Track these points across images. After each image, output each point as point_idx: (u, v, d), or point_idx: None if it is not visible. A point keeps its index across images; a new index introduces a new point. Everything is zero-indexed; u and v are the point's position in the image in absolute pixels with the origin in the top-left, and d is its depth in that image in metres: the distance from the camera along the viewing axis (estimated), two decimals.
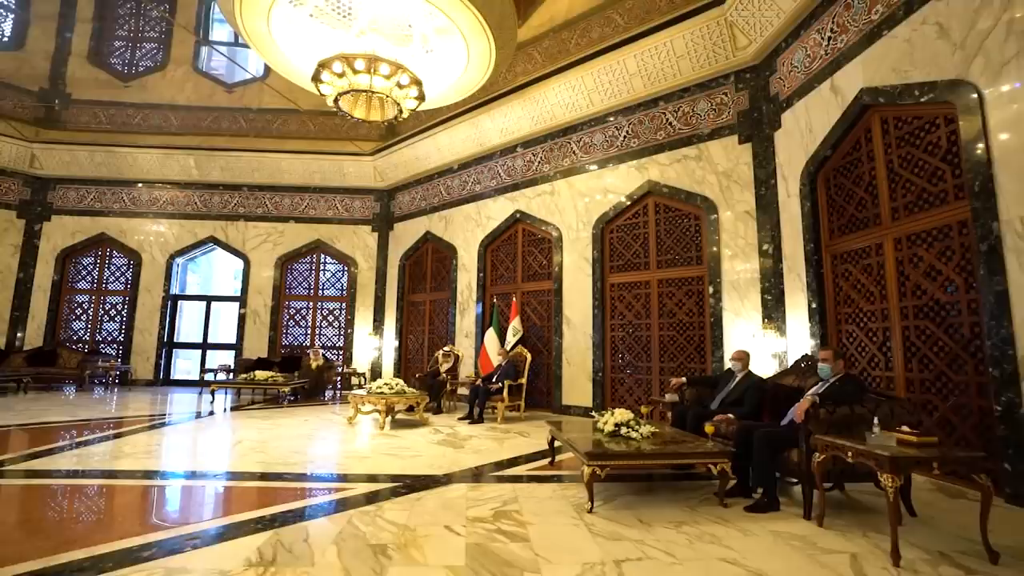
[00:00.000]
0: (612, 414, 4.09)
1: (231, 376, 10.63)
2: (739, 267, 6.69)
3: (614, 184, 8.16)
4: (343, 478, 4.05)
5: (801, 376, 4.42)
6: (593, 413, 7.77)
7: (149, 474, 4.06)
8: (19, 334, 11.74)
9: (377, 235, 12.41)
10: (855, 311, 5.28)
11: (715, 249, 6.90)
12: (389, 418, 6.91)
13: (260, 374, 9.16)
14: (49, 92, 12.47)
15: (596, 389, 7.93)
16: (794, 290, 6.06)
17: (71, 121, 12.35)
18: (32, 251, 12.07)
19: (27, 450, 4.77)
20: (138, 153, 12.06)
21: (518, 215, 9.46)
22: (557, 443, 4.64)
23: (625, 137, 8.10)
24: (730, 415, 4.37)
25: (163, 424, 6.51)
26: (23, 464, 4.24)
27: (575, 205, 8.65)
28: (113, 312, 12.28)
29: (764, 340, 6.19)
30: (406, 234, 11.90)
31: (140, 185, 12.42)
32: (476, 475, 4.19)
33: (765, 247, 6.47)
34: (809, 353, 5.10)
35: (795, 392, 4.13)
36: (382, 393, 6.58)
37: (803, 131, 5.90)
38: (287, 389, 8.90)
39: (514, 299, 8.87)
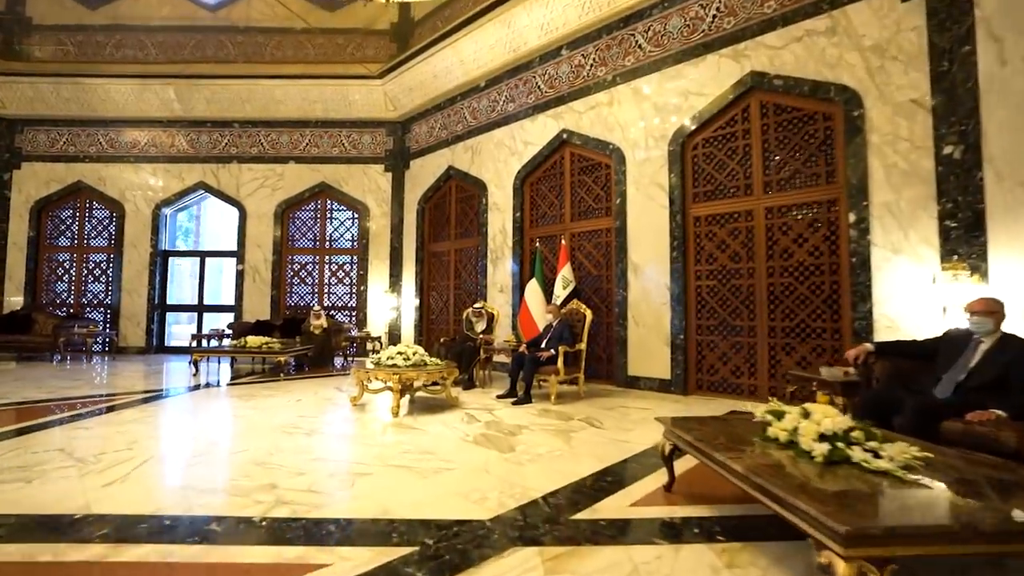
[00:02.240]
0: (804, 416, 2.20)
1: (222, 343, 9.06)
2: (899, 182, 4.60)
3: (699, 83, 6.03)
4: (308, 534, 2.28)
5: None
6: (674, 387, 5.95)
7: None
8: None
9: (391, 175, 10.50)
10: None
11: (859, 159, 4.80)
12: (406, 398, 5.19)
13: (252, 340, 7.54)
14: (7, 17, 10.66)
15: (676, 356, 6.05)
16: (1011, 209, 3.99)
17: (34, 51, 10.57)
18: (3, 204, 10.58)
19: None
20: (110, 85, 10.26)
21: (564, 136, 7.41)
22: (660, 443, 2.79)
23: (715, 16, 5.90)
24: (997, 412, 2.45)
25: (96, 412, 4.89)
26: None
27: (642, 117, 6.56)
28: (97, 271, 10.80)
29: (946, 286, 4.16)
30: (424, 172, 9.96)
31: (117, 125, 10.67)
32: (551, 520, 2.39)
33: (948, 150, 4.35)
34: None
35: None
36: (395, 366, 4.83)
37: None
38: (283, 358, 7.27)
39: (562, 242, 6.94)
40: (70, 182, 10.65)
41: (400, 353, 4.99)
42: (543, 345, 5.83)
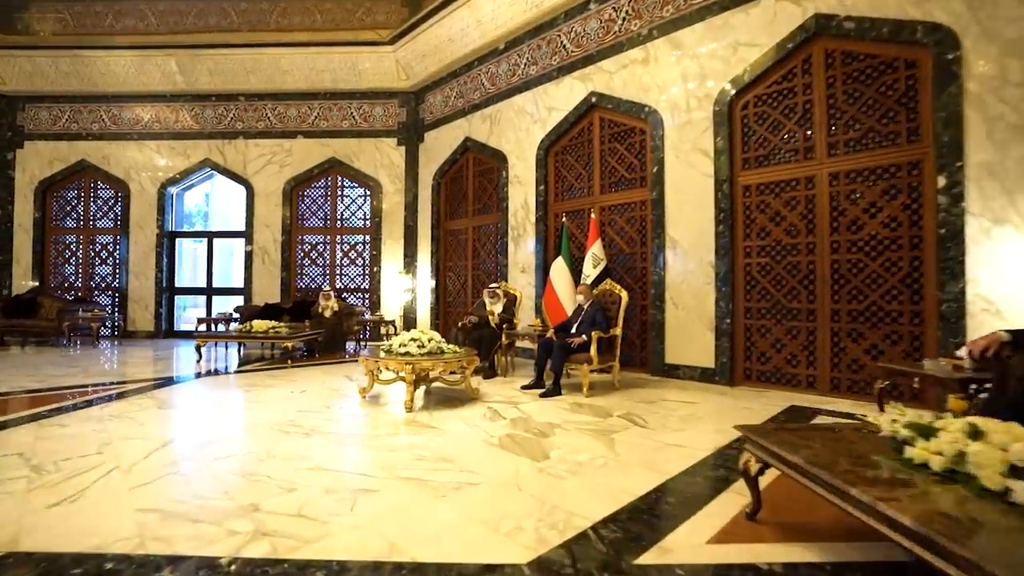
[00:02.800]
0: (972, 435, 1.57)
1: (229, 327, 8.62)
2: (1006, 138, 3.85)
3: (750, 32, 5.27)
4: None
5: None
6: (718, 377, 5.31)
7: None
8: (7, 281, 10.13)
9: (404, 149, 9.89)
10: None
11: (952, 112, 4.05)
12: (421, 389, 4.66)
13: (258, 324, 7.08)
14: None
15: (721, 343, 5.41)
16: None
17: (32, 23, 10.08)
18: (7, 184, 10.22)
19: None
20: (109, 58, 9.76)
21: (594, 99, 6.70)
22: (744, 459, 2.17)
23: None
24: None
25: (80, 405, 4.45)
26: None
27: (683, 75, 5.82)
28: (104, 254, 10.44)
29: None
30: (440, 145, 9.32)
31: (119, 100, 10.20)
32: (611, 567, 1.80)
33: None
34: None
35: None
36: (408, 355, 4.28)
37: None
38: (290, 344, 6.78)
39: (592, 216, 6.28)
40: (73, 161, 10.25)
41: (414, 340, 4.43)
42: (573, 330, 5.22)
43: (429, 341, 4.45)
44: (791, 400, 4.62)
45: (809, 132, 4.95)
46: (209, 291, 10.76)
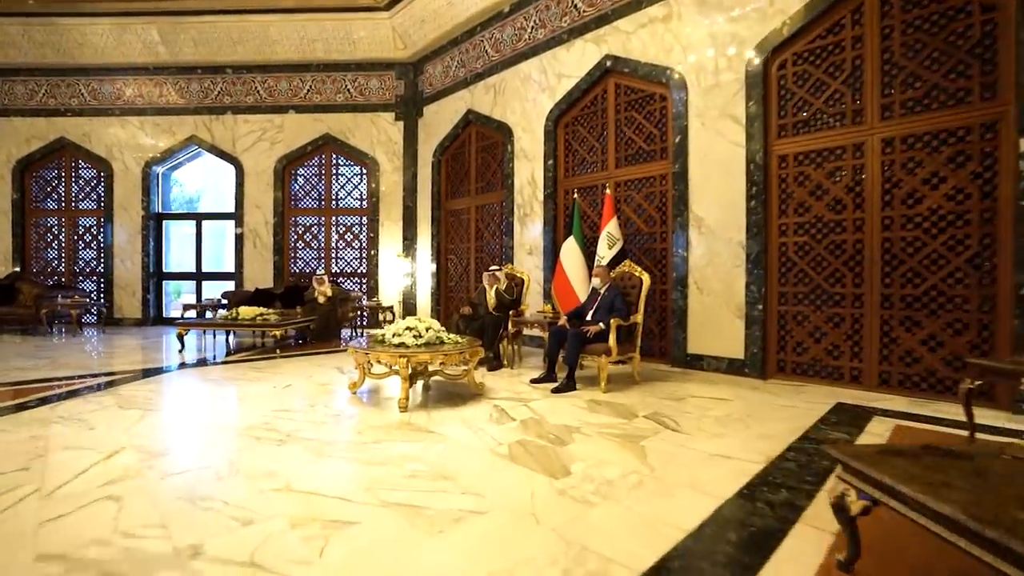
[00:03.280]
0: None
1: (217, 314, 8.10)
2: None
3: None
4: None
5: None
6: (748, 369, 4.78)
7: None
8: None
9: (402, 124, 9.27)
10: None
11: None
12: (418, 385, 4.15)
13: (245, 311, 6.56)
14: None
15: (752, 331, 4.86)
16: None
17: None
18: None
19: None
20: (86, 26, 9.11)
21: (608, 63, 6.07)
22: (834, 490, 1.63)
23: None
24: None
25: (29, 405, 3.95)
26: None
27: (710, 32, 5.20)
28: (88, 237, 9.91)
29: None
30: (440, 119, 8.71)
31: (98, 73, 9.57)
32: None
33: None
34: None
35: None
36: (403, 346, 3.75)
37: None
38: (279, 332, 6.26)
39: (607, 191, 5.70)
40: (52, 139, 9.67)
41: (409, 329, 3.90)
42: (589, 317, 4.68)
43: (427, 331, 3.91)
44: (834, 396, 4.09)
45: (859, 92, 4.34)
46: (199, 276, 10.23)
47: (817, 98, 4.57)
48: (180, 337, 6.41)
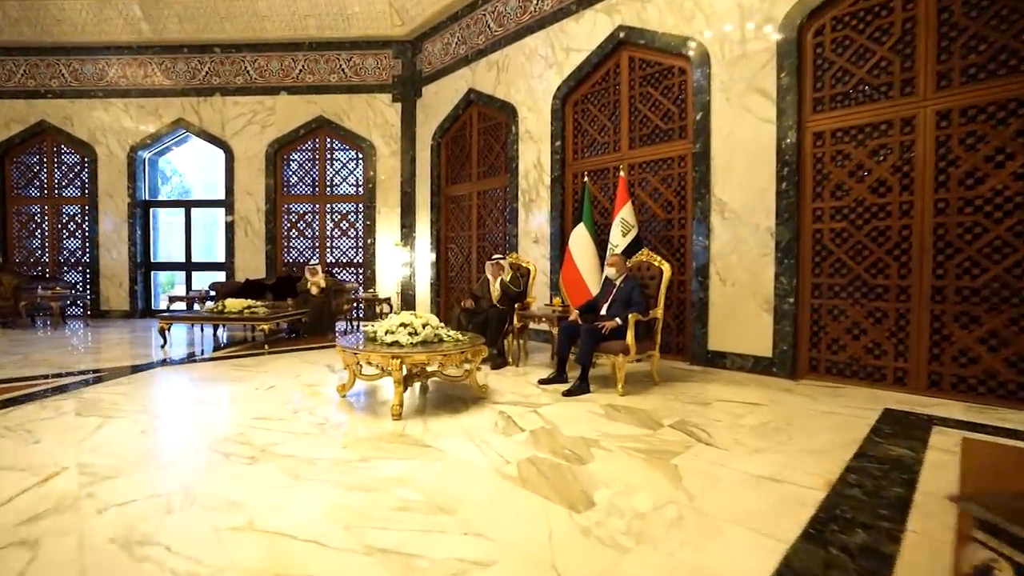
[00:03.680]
0: None
1: (205, 307, 7.67)
2: None
3: None
4: None
5: None
6: (777, 368, 4.34)
7: None
8: None
9: (400, 106, 8.78)
10: None
11: None
12: (414, 388, 3.73)
13: (232, 304, 6.13)
14: None
15: (781, 326, 4.42)
16: None
17: None
18: None
19: None
20: (62, 0, 8.60)
21: (622, 35, 5.58)
22: (977, 559, 1.20)
23: None
24: None
25: None
26: None
27: None
28: (72, 225, 9.47)
29: None
30: (440, 99, 8.22)
31: (79, 53, 9.08)
32: None
33: None
34: None
35: None
36: (396, 344, 3.32)
37: None
38: (267, 326, 5.84)
39: (621, 174, 5.24)
40: (33, 122, 9.20)
41: (404, 325, 3.47)
42: (603, 311, 4.24)
43: (424, 327, 3.48)
44: (878, 400, 3.67)
45: (910, 59, 3.86)
46: (188, 266, 9.80)
47: (859, 67, 4.09)
48: (162, 332, 5.99)
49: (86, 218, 9.35)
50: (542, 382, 4.16)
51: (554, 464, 2.46)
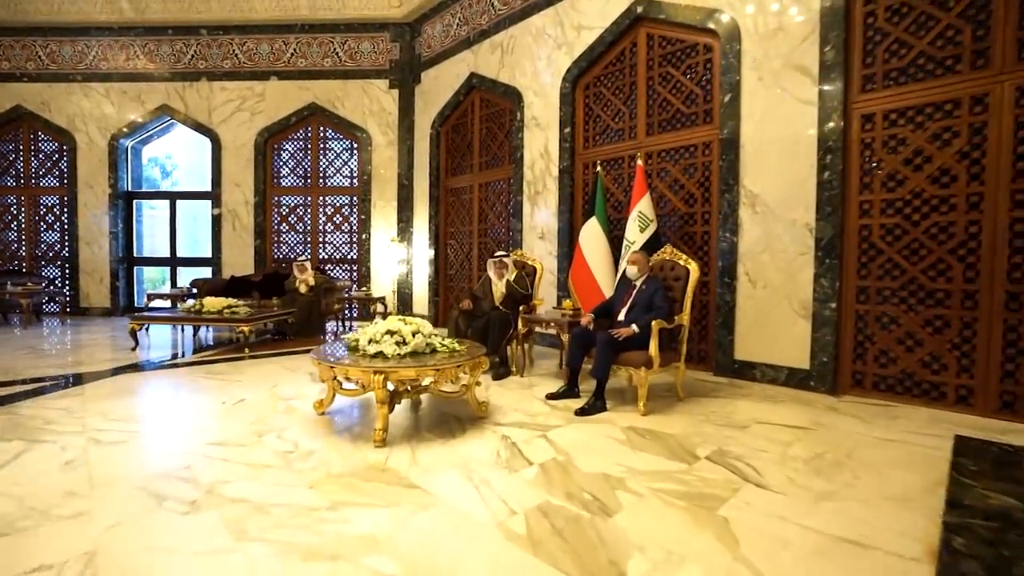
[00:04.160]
0: None
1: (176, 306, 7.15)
2: None
3: None
4: None
5: None
6: (815, 382, 3.81)
7: None
8: None
9: (397, 92, 8.25)
10: None
11: None
12: (403, 405, 3.22)
13: (211, 302, 5.62)
14: None
15: (820, 335, 3.90)
16: None
17: None
18: None
19: None
20: None
21: (639, 9, 5.05)
22: None
23: None
24: None
25: None
26: None
27: None
28: (50, 218, 8.97)
29: None
30: (440, 85, 7.69)
31: (56, 34, 8.56)
32: None
33: None
34: None
35: None
36: (381, 356, 2.81)
37: None
38: (248, 328, 5.32)
39: (639, 162, 4.71)
40: (8, 107, 8.68)
41: (391, 333, 2.95)
42: (622, 316, 3.71)
43: (414, 335, 2.96)
44: (940, 423, 3.15)
45: (983, 27, 3.33)
46: (173, 261, 9.29)
47: (920, 38, 3.56)
48: (133, 333, 5.48)
49: (65, 210, 8.84)
50: (551, 397, 3.65)
51: (572, 516, 1.94)
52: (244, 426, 2.97)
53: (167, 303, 7.68)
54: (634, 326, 3.45)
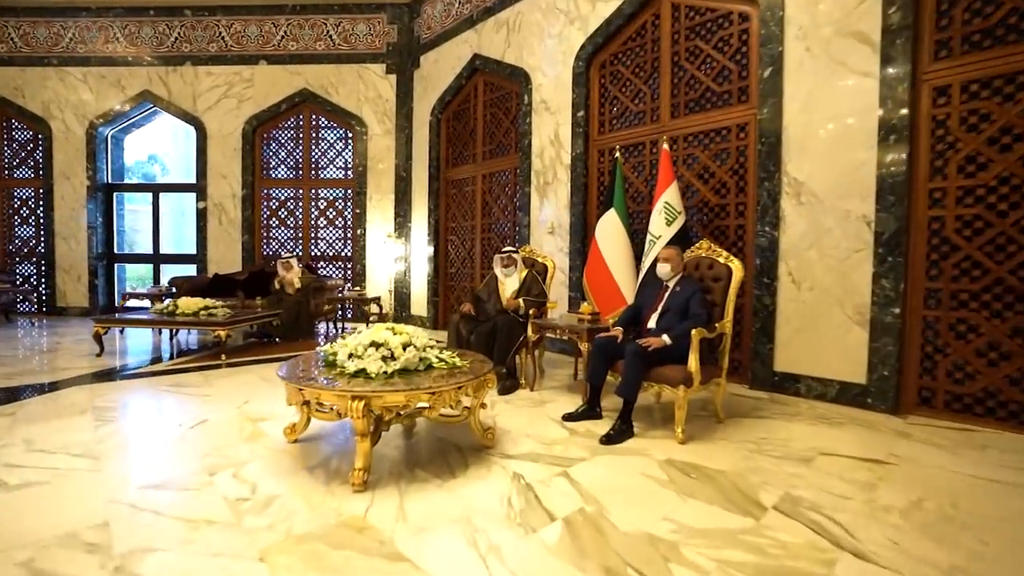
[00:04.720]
0: None
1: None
2: None
3: None
4: None
5: None
6: (873, 399, 3.22)
7: None
8: None
9: (395, 77, 7.69)
10: None
11: None
12: (394, 429, 2.66)
13: (186, 303, 5.07)
14: None
15: (881, 344, 3.34)
16: None
17: None
18: None
19: None
20: None
21: None
22: None
23: None
24: None
25: None
26: None
27: None
28: (25, 211, 8.43)
29: None
30: (440, 69, 7.13)
31: (29, 14, 8.01)
32: None
33: None
34: None
35: None
36: (363, 374, 2.26)
37: None
38: (223, 332, 4.77)
39: (664, 146, 4.14)
40: None
41: (377, 345, 2.39)
42: (652, 324, 3.15)
43: (405, 348, 2.41)
44: None
45: None
46: (156, 258, 8.75)
47: None
48: (98, 337, 4.92)
49: (40, 203, 8.30)
50: (568, 418, 3.10)
51: None
52: (195, 460, 2.42)
53: (145, 303, 7.13)
54: (665, 336, 2.89)
